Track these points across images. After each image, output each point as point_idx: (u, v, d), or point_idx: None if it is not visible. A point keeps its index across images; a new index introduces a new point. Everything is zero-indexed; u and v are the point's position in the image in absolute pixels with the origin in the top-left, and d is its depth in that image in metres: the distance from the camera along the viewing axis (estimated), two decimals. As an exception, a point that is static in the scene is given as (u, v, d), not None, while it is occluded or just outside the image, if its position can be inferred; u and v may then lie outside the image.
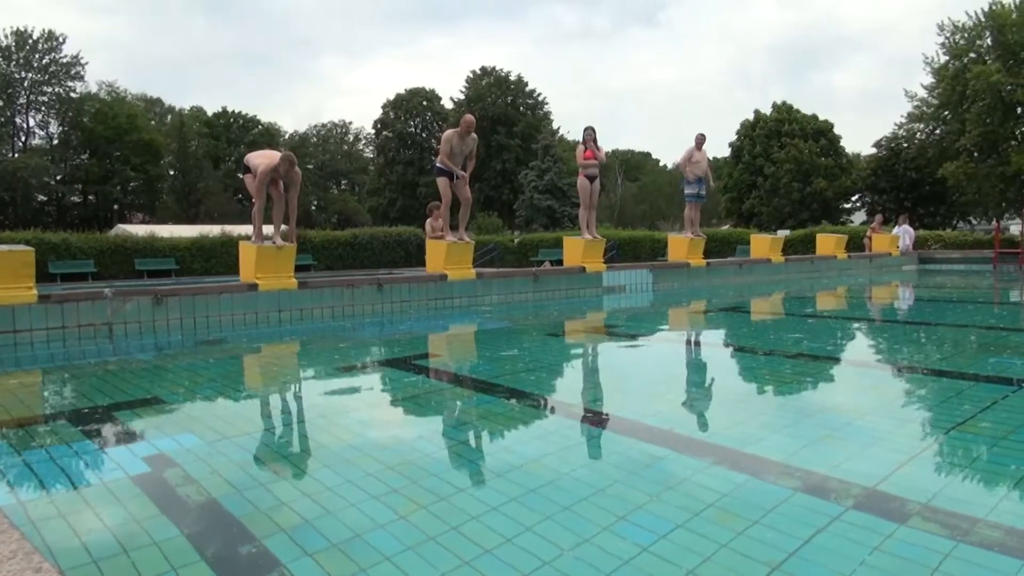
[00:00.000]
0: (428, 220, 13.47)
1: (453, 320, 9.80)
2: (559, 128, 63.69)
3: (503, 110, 61.58)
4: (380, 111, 69.91)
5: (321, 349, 7.61)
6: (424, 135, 69.11)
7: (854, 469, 3.00)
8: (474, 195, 56.25)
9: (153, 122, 70.49)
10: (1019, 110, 34.37)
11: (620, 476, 3.04)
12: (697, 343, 7.80)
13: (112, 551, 2.36)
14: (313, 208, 74.22)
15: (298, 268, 13.32)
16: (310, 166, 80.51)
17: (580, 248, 13.03)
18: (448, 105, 66.71)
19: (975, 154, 36.10)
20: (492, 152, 59.43)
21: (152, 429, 4.05)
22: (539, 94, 64.59)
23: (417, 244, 27.64)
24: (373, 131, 72.87)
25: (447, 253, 10.96)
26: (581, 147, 12.77)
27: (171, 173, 68.07)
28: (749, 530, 2.42)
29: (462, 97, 63.68)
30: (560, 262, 15.16)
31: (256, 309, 8.99)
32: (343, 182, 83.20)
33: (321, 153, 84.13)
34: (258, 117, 77.05)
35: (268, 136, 76.91)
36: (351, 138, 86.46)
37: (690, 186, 14.85)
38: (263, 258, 9.34)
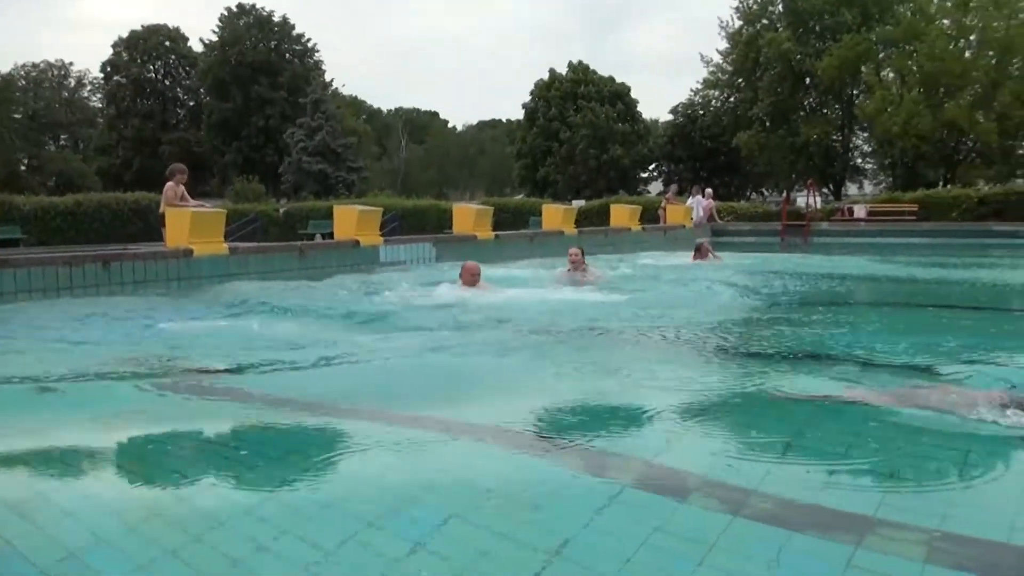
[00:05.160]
0: (168, 184, 12.38)
1: (196, 307, 9.06)
2: (332, 81, 62.25)
3: (265, 56, 59.11)
4: (110, 51, 64.85)
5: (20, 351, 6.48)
6: (167, 82, 64.93)
7: (632, 444, 3.26)
8: (231, 156, 54.25)
9: None
10: (808, 80, 38.26)
11: (384, 466, 3.10)
12: (463, 322, 7.68)
13: None
14: (23, 168, 67.49)
15: (1, 243, 12.13)
16: (17, 115, 73.04)
17: (354, 219, 12.92)
18: (197, 47, 63.11)
19: (767, 123, 39.76)
20: (253, 106, 56.99)
21: None
22: (308, 39, 62.78)
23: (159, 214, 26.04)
24: (101, 75, 67.39)
25: (192, 224, 10.42)
26: None
27: None
28: (528, 517, 2.56)
29: (215, 39, 60.50)
30: (331, 235, 14.96)
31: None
32: (63, 137, 76.35)
33: (33, 100, 76.33)
34: (-59, 52, 68.75)
35: (-44, 77, 68.83)
36: (72, 83, 79.35)
37: None
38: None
